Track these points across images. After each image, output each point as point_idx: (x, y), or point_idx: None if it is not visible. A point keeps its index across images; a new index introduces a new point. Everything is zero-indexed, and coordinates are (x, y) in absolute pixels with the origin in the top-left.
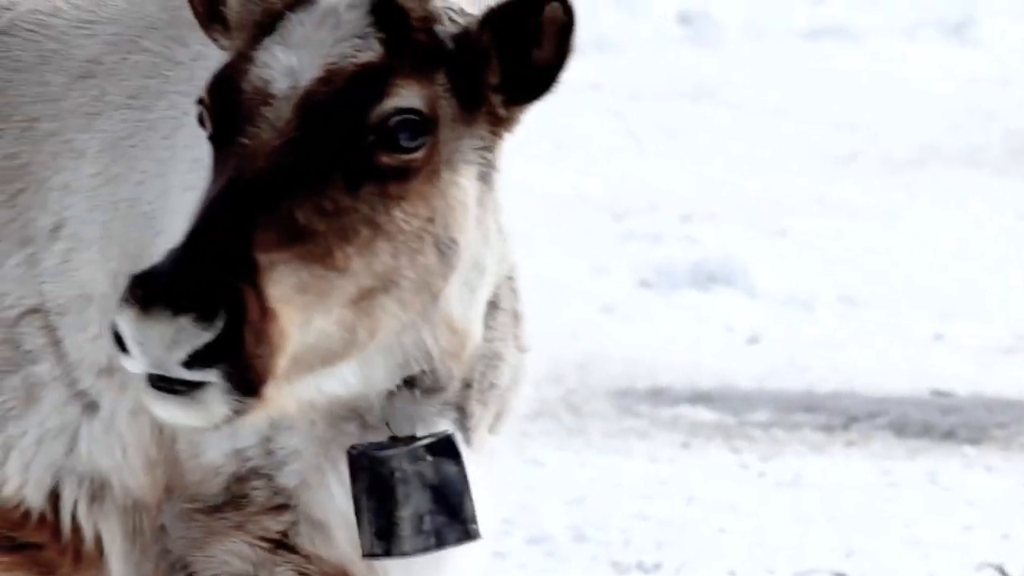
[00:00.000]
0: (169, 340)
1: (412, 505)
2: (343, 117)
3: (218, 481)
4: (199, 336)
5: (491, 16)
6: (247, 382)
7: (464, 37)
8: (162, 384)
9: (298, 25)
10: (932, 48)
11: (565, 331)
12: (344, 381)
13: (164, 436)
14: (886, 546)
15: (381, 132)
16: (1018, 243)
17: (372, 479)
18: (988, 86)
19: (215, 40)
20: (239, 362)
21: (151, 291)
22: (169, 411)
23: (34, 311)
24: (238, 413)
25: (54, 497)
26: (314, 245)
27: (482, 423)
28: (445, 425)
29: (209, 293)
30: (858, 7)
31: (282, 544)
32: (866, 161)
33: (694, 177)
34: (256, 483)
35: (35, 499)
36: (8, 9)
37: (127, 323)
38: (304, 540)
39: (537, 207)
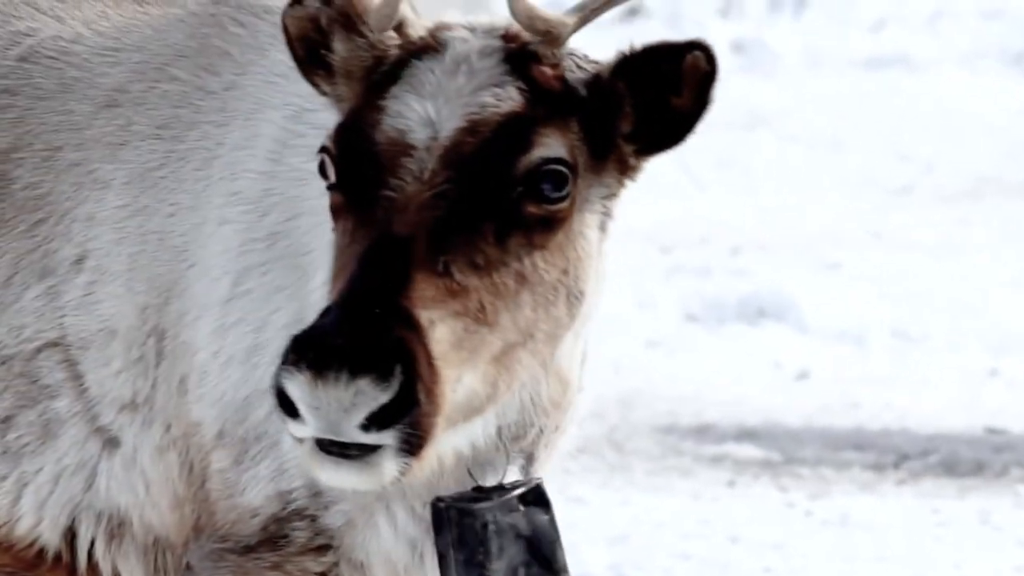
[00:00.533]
0: (347, 403)
1: (507, 558)
2: (491, 168)
3: (255, 522)
4: (377, 398)
5: (626, 63)
6: (417, 442)
7: (596, 84)
8: (333, 449)
9: (428, 73)
10: (992, 78)
11: (609, 366)
12: (474, 434)
13: (194, 474)
14: None
15: (529, 183)
16: None
17: (461, 532)
18: None
19: (315, 86)
20: (413, 422)
21: (323, 354)
22: (341, 476)
23: (54, 345)
24: (403, 474)
25: (70, 535)
26: (468, 300)
27: (541, 467)
28: (514, 471)
29: (384, 353)
30: (918, 36)
31: None
32: (922, 193)
33: (746, 209)
34: (298, 524)
35: (50, 538)
36: (29, 36)
37: (300, 388)
38: None
39: None
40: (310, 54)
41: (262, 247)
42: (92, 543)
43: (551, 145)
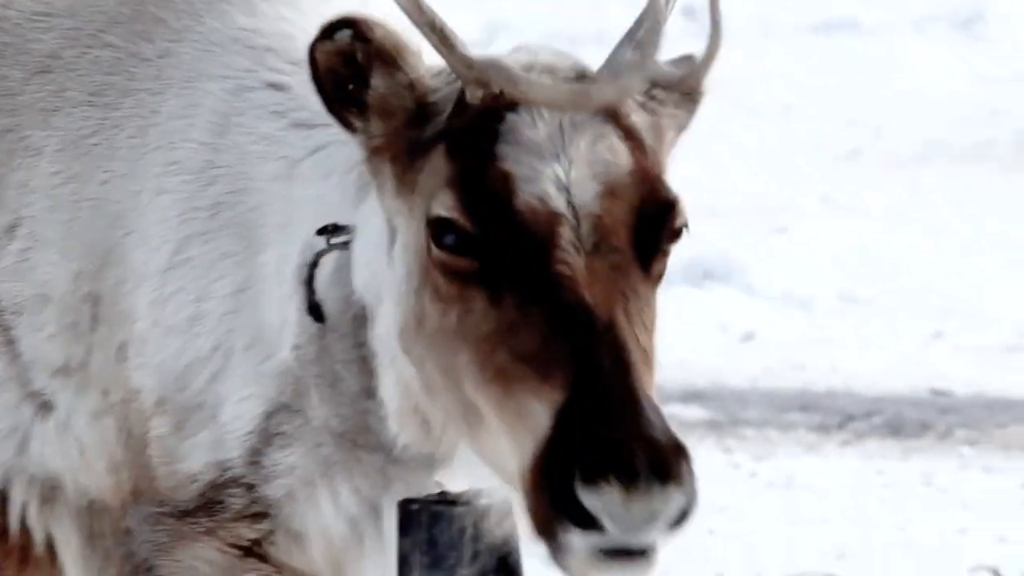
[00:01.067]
0: (658, 511)
1: (479, 564)
2: (645, 235)
3: (194, 487)
4: (682, 501)
5: (679, 87)
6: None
7: (658, 126)
8: (618, 552)
9: (532, 128)
10: (941, 43)
11: None
12: None
13: (133, 439)
14: (879, 548)
15: (668, 239)
16: (1023, 241)
17: (432, 535)
18: (997, 82)
19: (345, 123)
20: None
21: (629, 465)
22: None
23: None
24: None
25: (1, 499)
26: (651, 369)
27: None
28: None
29: (678, 455)
30: (867, 1)
31: (253, 552)
32: (870, 157)
33: (693, 172)
34: (235, 491)
35: None
36: None
37: (610, 503)
38: (279, 549)
39: None
40: (339, 89)
41: (205, 216)
42: (24, 507)
43: (682, 208)
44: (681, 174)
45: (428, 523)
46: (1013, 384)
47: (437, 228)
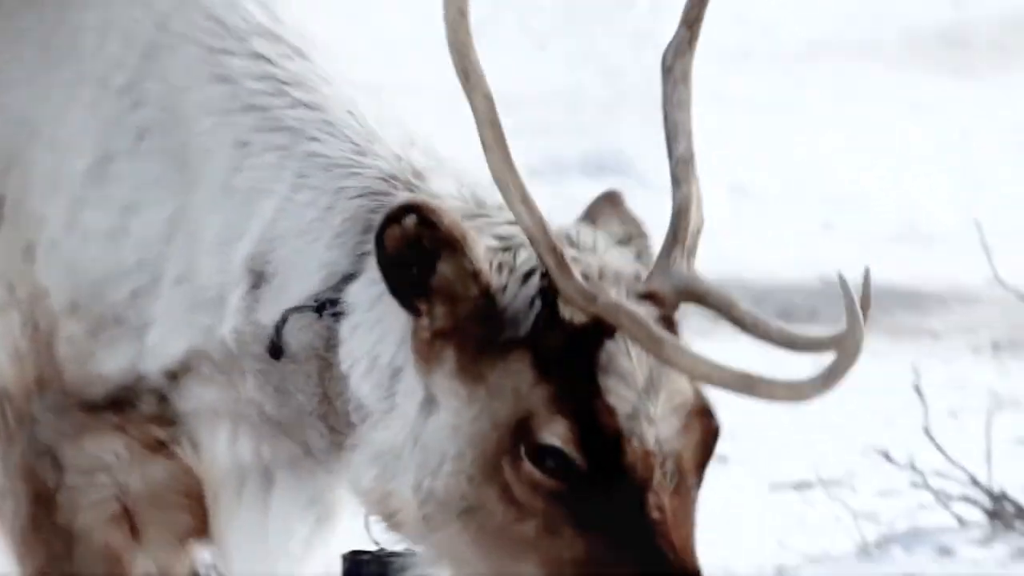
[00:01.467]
0: None
1: None
2: (704, 463)
3: (104, 387)
4: None
5: None
6: None
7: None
8: None
9: (626, 359)
10: None
11: None
12: None
13: (39, 332)
14: (769, 431)
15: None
16: (910, 135)
17: None
18: None
19: (410, 307)
20: None
21: None
22: None
23: None
24: None
25: None
26: None
27: None
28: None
29: None
30: None
31: (161, 451)
32: (759, 55)
33: (587, 69)
34: (147, 397)
35: None
36: None
37: None
38: (185, 450)
39: (425, 100)
40: (402, 272)
41: (131, 137)
42: None
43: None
44: (577, 75)
45: (376, 573)
46: (900, 273)
47: (541, 450)
